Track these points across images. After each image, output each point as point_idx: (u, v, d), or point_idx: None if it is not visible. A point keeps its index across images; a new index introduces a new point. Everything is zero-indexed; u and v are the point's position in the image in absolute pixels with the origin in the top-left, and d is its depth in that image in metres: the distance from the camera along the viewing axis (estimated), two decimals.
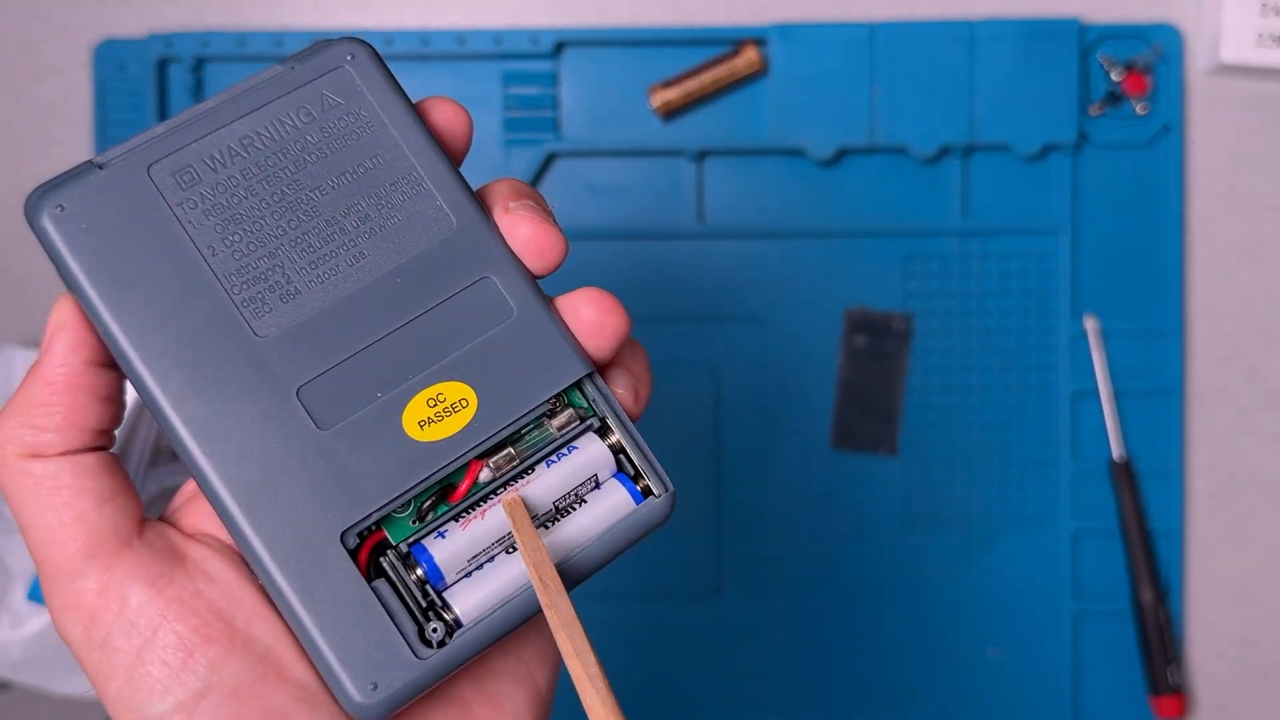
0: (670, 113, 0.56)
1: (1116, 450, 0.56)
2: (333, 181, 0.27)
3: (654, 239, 0.57)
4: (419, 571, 0.26)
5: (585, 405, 0.28)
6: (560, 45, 0.56)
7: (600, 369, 0.28)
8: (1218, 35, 0.55)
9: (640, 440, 0.28)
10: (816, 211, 0.57)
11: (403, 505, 0.26)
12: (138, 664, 0.26)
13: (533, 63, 0.56)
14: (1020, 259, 0.57)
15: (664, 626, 0.57)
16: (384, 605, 0.26)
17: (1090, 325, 0.56)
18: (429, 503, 0.27)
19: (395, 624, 0.26)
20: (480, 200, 0.28)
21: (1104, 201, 0.57)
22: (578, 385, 0.28)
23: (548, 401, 0.27)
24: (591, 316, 0.28)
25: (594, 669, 0.25)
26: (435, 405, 0.26)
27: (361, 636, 0.25)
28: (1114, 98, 0.56)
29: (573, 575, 0.27)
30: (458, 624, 0.26)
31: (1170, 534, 0.57)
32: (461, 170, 0.28)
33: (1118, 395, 0.57)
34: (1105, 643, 0.57)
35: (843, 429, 0.57)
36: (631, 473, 0.28)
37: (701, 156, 0.56)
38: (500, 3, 0.57)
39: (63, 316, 0.26)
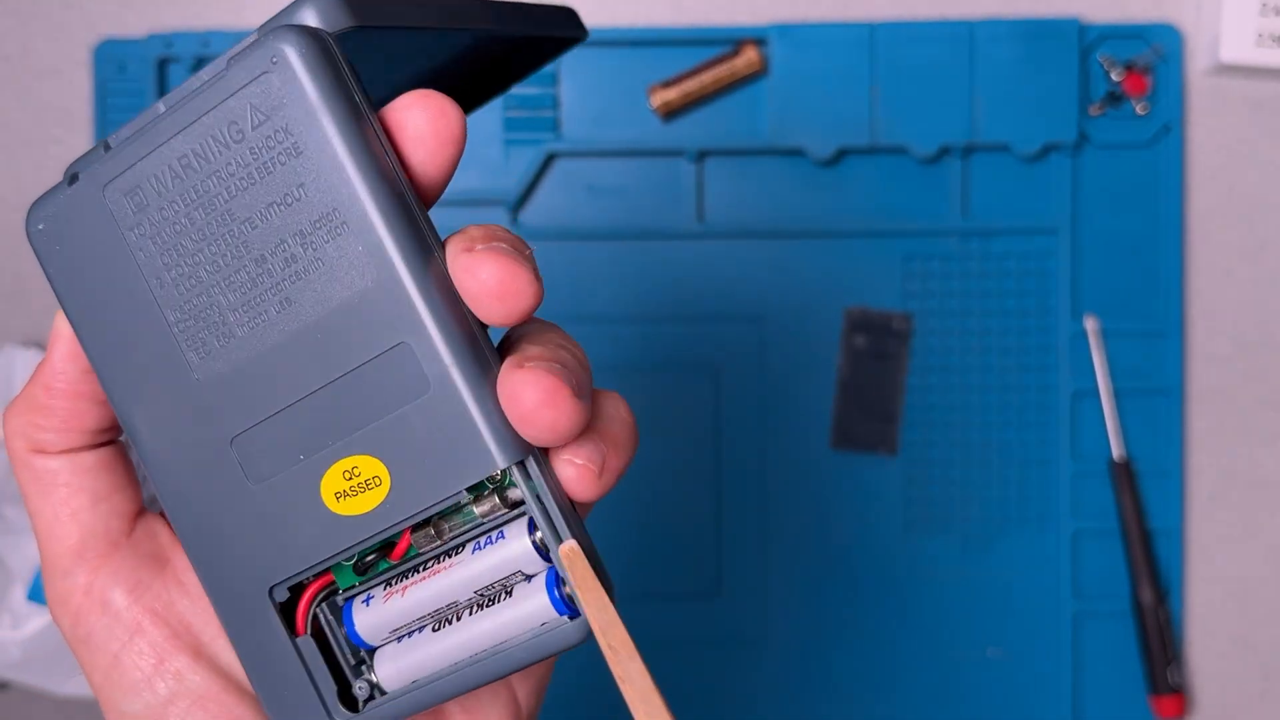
0: (670, 113, 0.56)
1: (1116, 450, 0.56)
2: (261, 213, 0.24)
3: (654, 239, 0.57)
4: (344, 632, 0.26)
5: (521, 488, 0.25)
6: None
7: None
8: (1217, 35, 0.55)
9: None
10: (816, 211, 0.57)
11: (343, 559, 0.26)
12: (115, 665, 0.27)
13: None
14: (1020, 259, 0.57)
15: (664, 626, 0.57)
16: (304, 662, 0.26)
17: (1090, 325, 0.56)
18: (371, 557, 0.26)
19: (314, 682, 0.26)
20: (427, 242, 0.24)
21: (1104, 201, 0.57)
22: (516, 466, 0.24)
23: (470, 487, 0.24)
24: (528, 404, 0.23)
25: None
26: (350, 479, 0.25)
27: (286, 689, 0.26)
28: (1114, 98, 0.56)
29: (477, 680, 0.25)
30: (381, 689, 0.26)
31: (1170, 534, 0.57)
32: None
33: (1118, 395, 0.57)
34: (1105, 643, 0.57)
35: (843, 429, 0.57)
36: (562, 575, 0.25)
37: (701, 156, 0.56)
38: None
39: (62, 325, 0.27)
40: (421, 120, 0.24)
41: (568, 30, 0.32)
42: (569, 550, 0.23)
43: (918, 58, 0.55)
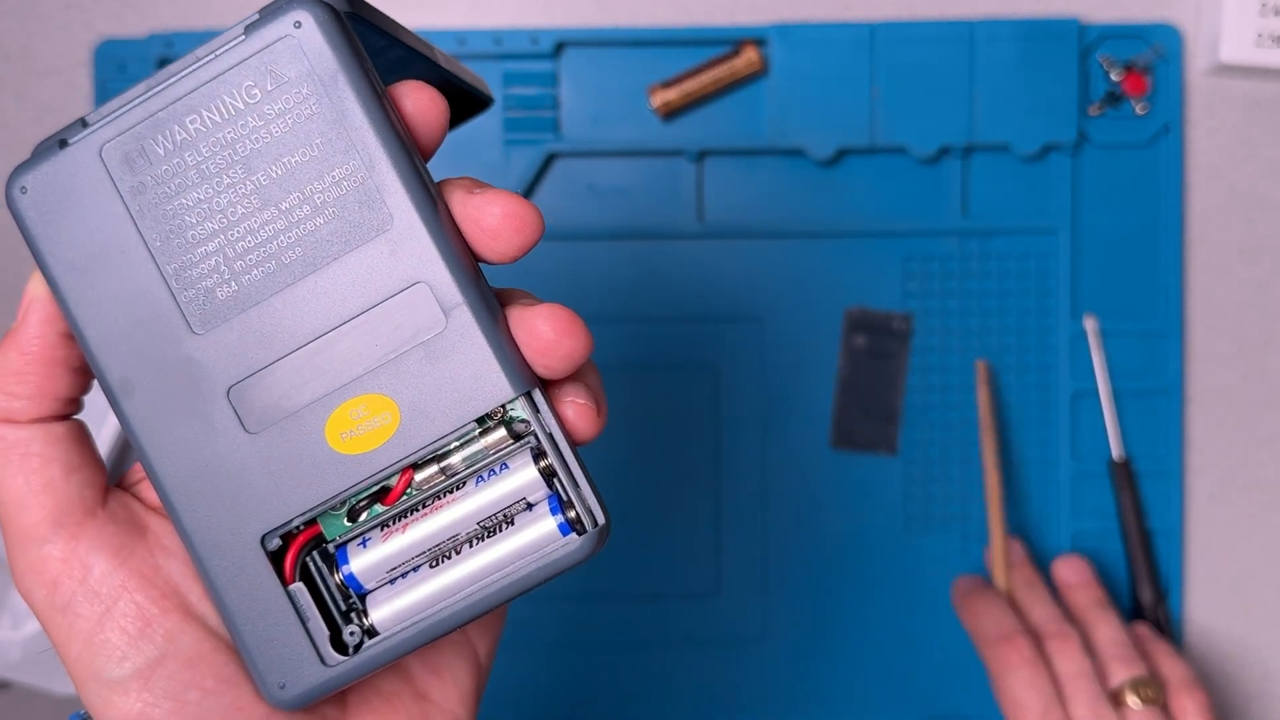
0: (670, 113, 0.56)
1: (1116, 450, 0.56)
2: (276, 169, 0.25)
3: (654, 239, 0.57)
4: (340, 576, 0.27)
5: (526, 420, 0.26)
6: (560, 45, 0.56)
7: (557, 382, 0.27)
8: (1217, 35, 0.55)
9: (574, 467, 0.26)
10: (816, 211, 0.57)
11: (338, 503, 0.26)
12: (98, 630, 0.26)
13: (533, 63, 0.56)
14: (1020, 259, 0.57)
15: (664, 626, 0.57)
16: (297, 610, 0.26)
17: (1090, 325, 0.56)
18: (362, 503, 0.27)
19: (307, 629, 0.26)
20: (436, 194, 0.26)
21: (1104, 201, 0.57)
22: (522, 398, 0.26)
23: (479, 419, 0.26)
24: (547, 335, 0.26)
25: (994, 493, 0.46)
26: (358, 418, 0.26)
27: (275, 638, 0.26)
28: (1114, 98, 0.56)
29: (481, 606, 0.26)
30: (374, 631, 0.27)
31: (1170, 534, 0.57)
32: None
33: (1118, 395, 0.57)
34: None
35: (843, 429, 0.57)
36: (564, 499, 0.26)
37: (701, 156, 0.56)
38: (500, 3, 0.57)
39: (38, 289, 0.27)
40: (421, 95, 0.26)
41: (483, 91, 0.36)
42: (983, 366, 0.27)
43: (918, 58, 0.55)
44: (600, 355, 0.58)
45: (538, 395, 0.26)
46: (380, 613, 0.26)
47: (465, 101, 0.36)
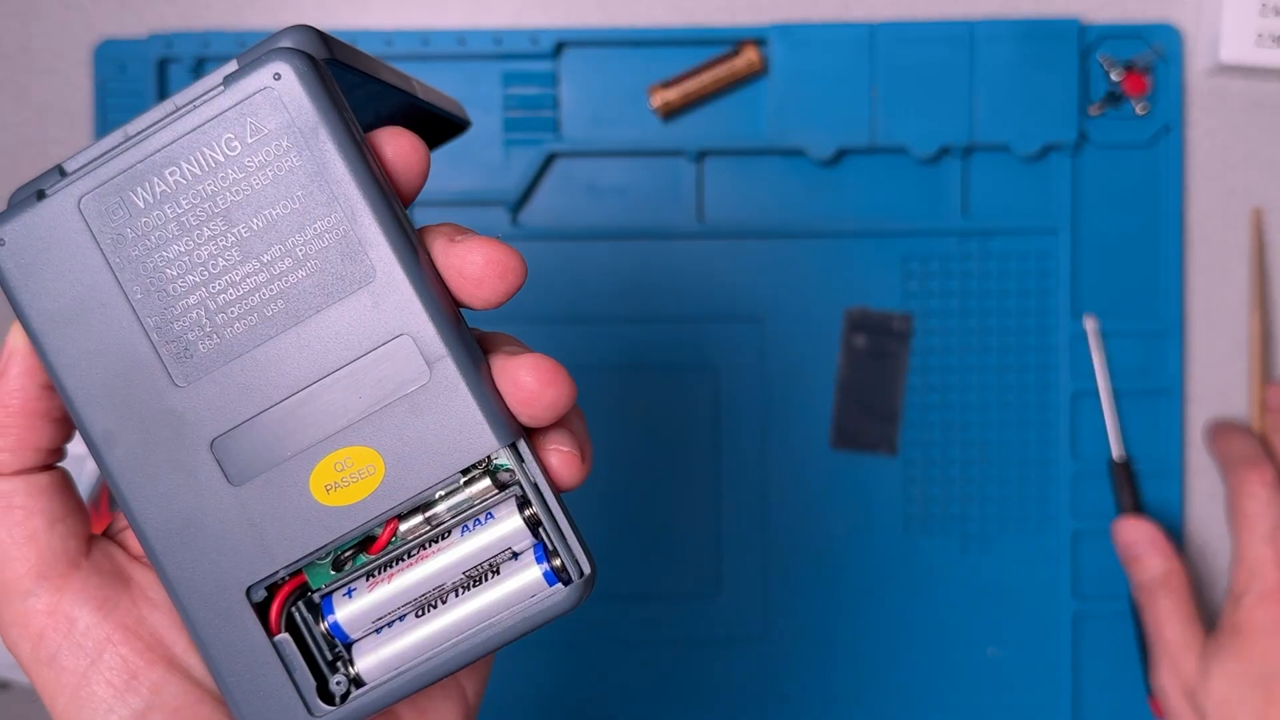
0: (670, 113, 0.56)
1: (1116, 450, 0.56)
2: (258, 222, 0.25)
3: (654, 239, 0.57)
4: (325, 625, 0.27)
5: (510, 469, 0.27)
6: (560, 45, 0.56)
7: (541, 429, 0.27)
8: (1217, 35, 0.55)
9: (559, 516, 0.26)
10: (816, 211, 0.57)
11: (323, 554, 0.27)
12: (83, 684, 0.26)
13: (533, 63, 0.56)
14: (1020, 259, 0.57)
15: (664, 626, 0.57)
16: (284, 660, 0.26)
17: (1090, 325, 0.56)
18: (348, 553, 0.27)
19: (293, 679, 0.26)
20: (418, 243, 0.26)
21: (1104, 201, 0.57)
22: (506, 448, 0.26)
23: (463, 470, 0.26)
24: (530, 385, 0.26)
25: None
26: (342, 470, 0.26)
27: (262, 689, 0.26)
28: (1114, 98, 0.56)
29: (468, 656, 0.26)
30: (360, 681, 0.27)
31: (1170, 534, 0.57)
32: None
33: (1118, 395, 0.57)
34: (1105, 643, 0.57)
35: (843, 429, 0.57)
36: (550, 548, 0.26)
37: (701, 156, 0.56)
38: (500, 3, 0.57)
39: (17, 342, 0.27)
40: (402, 142, 0.26)
41: (460, 115, 0.36)
42: None
43: (918, 58, 0.55)
44: (600, 355, 0.59)
45: (522, 444, 0.26)
46: (366, 662, 0.27)
47: (442, 126, 0.36)
